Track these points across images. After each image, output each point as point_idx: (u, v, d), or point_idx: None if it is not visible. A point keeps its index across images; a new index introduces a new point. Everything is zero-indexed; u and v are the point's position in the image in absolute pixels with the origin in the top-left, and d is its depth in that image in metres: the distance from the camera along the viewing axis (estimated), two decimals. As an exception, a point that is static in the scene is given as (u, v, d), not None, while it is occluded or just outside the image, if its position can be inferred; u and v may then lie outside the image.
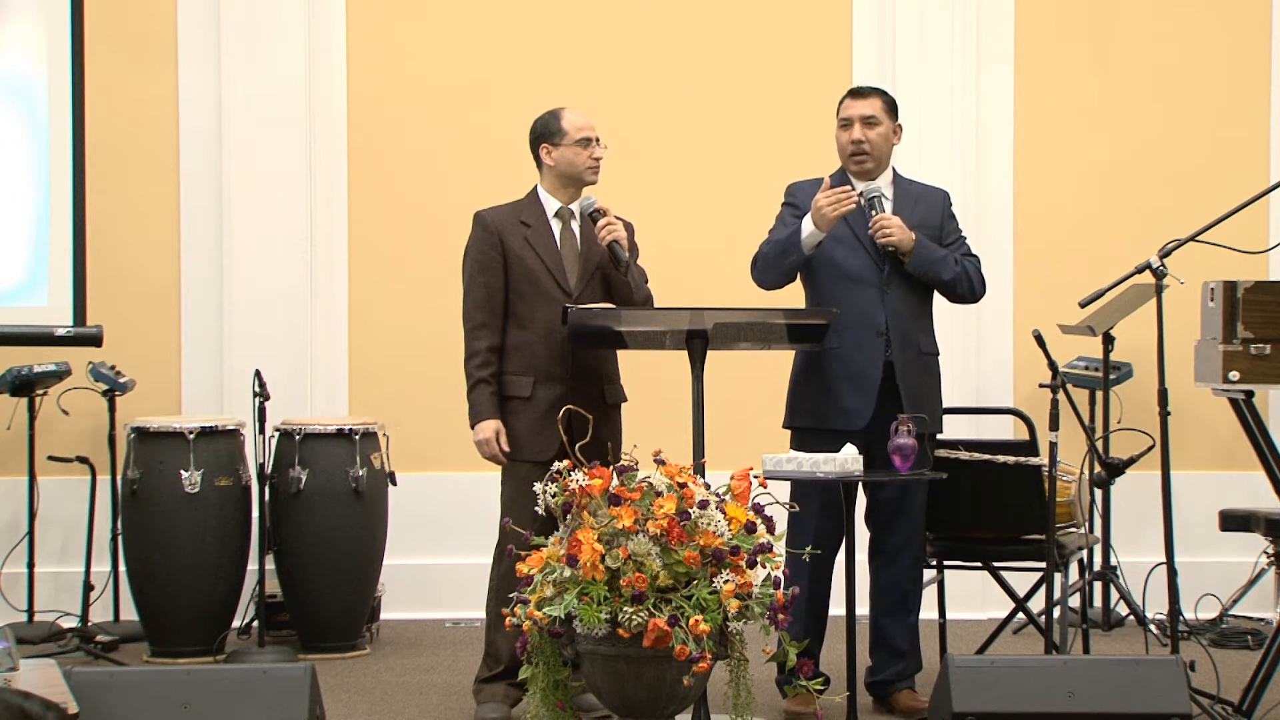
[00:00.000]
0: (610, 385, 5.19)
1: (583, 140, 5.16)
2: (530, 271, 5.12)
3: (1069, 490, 5.31)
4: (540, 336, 5.09)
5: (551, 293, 5.10)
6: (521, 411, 5.09)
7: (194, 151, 6.84)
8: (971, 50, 7.00)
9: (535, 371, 5.09)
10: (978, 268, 5.28)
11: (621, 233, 5.10)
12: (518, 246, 5.14)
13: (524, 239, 5.15)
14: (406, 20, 7.02)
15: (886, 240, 5.08)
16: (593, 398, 5.05)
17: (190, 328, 6.84)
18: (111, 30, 6.79)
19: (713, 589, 4.18)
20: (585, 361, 5.11)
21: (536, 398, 5.07)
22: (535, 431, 5.05)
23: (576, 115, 5.20)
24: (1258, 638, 6.25)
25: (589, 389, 5.09)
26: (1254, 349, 4.70)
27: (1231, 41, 7.14)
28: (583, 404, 4.86)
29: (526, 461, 5.01)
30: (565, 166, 5.18)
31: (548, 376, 5.08)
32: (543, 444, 5.00)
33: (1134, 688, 4.25)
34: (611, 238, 5.07)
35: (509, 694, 5.04)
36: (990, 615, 6.52)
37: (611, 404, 5.18)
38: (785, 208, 5.26)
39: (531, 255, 5.13)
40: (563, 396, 4.98)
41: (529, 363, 5.10)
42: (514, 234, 5.15)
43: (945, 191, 5.36)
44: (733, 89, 7.06)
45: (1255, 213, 5.63)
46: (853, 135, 5.16)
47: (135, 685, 4.06)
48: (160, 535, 5.99)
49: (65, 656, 5.57)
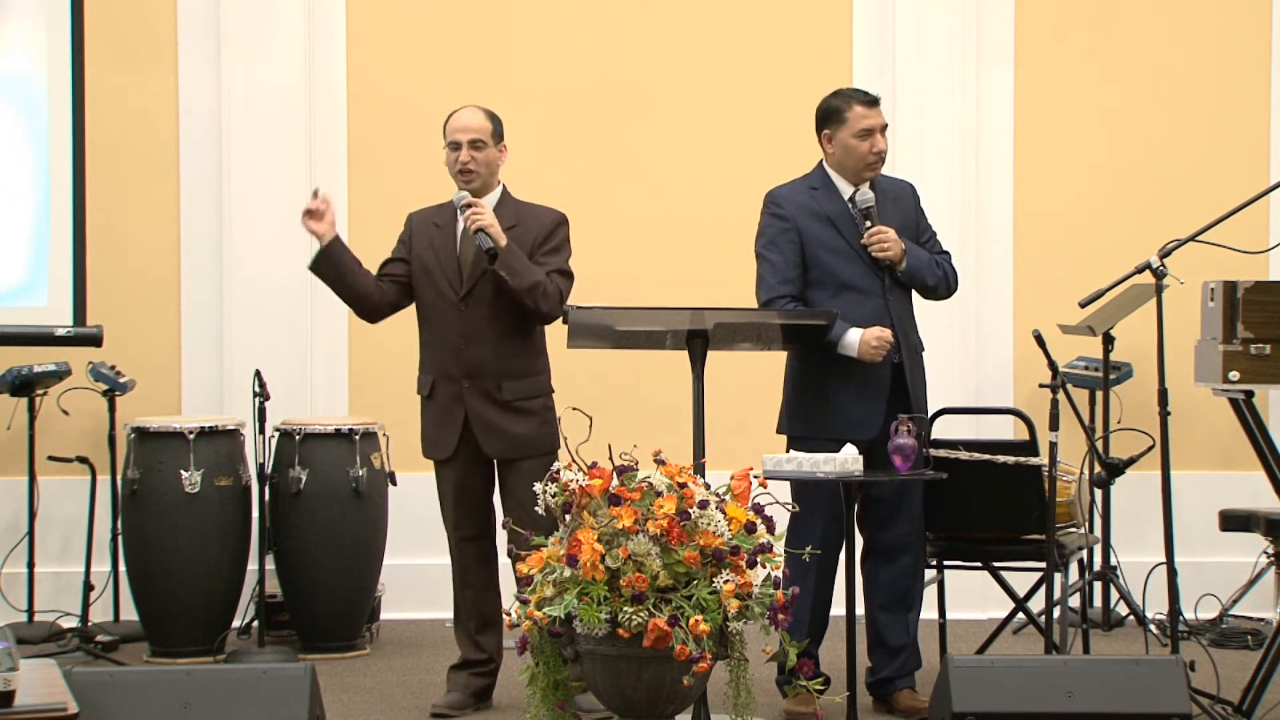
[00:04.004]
0: (510, 381, 5.20)
1: (451, 144, 5.26)
2: (428, 272, 5.26)
3: (1069, 490, 5.31)
4: (438, 336, 5.25)
5: (445, 293, 5.22)
6: (426, 410, 5.30)
7: (194, 151, 6.84)
8: (971, 50, 7.00)
9: (435, 370, 5.26)
10: (952, 265, 5.33)
11: (486, 220, 5.08)
12: (421, 247, 5.29)
13: (428, 240, 5.28)
14: (406, 20, 7.02)
15: (883, 255, 5.08)
16: (487, 393, 5.16)
17: (190, 328, 6.85)
18: (111, 31, 6.78)
19: (713, 589, 4.18)
20: (479, 358, 5.18)
21: (435, 397, 5.25)
22: (436, 430, 5.25)
23: (456, 117, 5.30)
24: (1258, 638, 6.25)
25: (484, 385, 5.18)
26: (1254, 349, 4.70)
27: (1231, 41, 7.13)
28: (478, 400, 5.13)
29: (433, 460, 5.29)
30: (449, 168, 5.29)
31: (445, 375, 5.22)
32: (442, 442, 5.22)
33: (1134, 688, 4.25)
34: (475, 225, 5.09)
35: (471, 682, 5.29)
36: (990, 615, 6.52)
37: (512, 399, 5.19)
38: (773, 219, 5.18)
39: (431, 256, 5.26)
40: (456, 395, 5.17)
41: (431, 361, 5.29)
42: (422, 235, 5.31)
43: (912, 184, 5.37)
44: (733, 89, 7.06)
45: (1255, 213, 5.63)
46: (877, 146, 5.13)
47: (135, 685, 4.06)
48: (160, 535, 5.99)
49: (65, 656, 5.57)
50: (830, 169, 5.20)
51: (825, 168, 5.22)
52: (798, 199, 5.17)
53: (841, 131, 5.15)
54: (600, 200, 6.83)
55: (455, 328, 5.19)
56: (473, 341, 5.17)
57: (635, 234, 6.92)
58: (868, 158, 5.14)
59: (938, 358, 5.83)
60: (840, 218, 5.14)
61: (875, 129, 5.15)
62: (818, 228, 5.13)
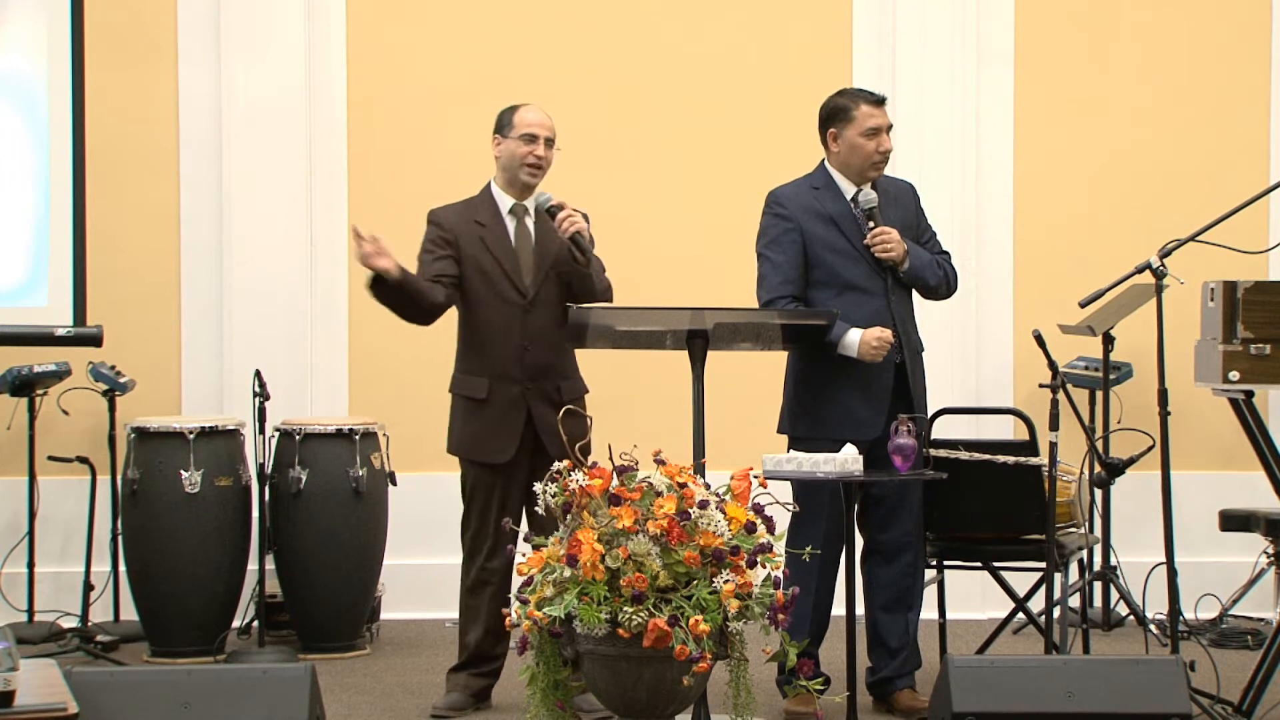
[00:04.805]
0: (566, 381, 5.20)
1: (526, 135, 5.14)
2: (485, 274, 5.13)
3: (1069, 490, 5.31)
4: (496, 338, 5.13)
5: (508, 295, 5.12)
6: (479, 414, 5.14)
7: (194, 152, 6.84)
8: (971, 49, 7.00)
9: (491, 373, 5.13)
10: (952, 265, 5.34)
11: (582, 224, 5.08)
12: (473, 249, 5.14)
13: (479, 239, 5.14)
14: (406, 20, 7.01)
15: (886, 256, 5.08)
16: (548, 395, 5.09)
17: (190, 328, 6.84)
18: (111, 31, 6.78)
19: (713, 589, 4.18)
20: (539, 361, 5.13)
21: (493, 400, 5.12)
22: (493, 434, 5.12)
23: (530, 111, 5.19)
24: (1258, 638, 6.25)
25: (545, 388, 5.12)
26: (1254, 349, 4.70)
27: (1231, 41, 7.13)
28: (540, 403, 5.02)
29: (484, 464, 5.12)
30: (507, 160, 5.18)
31: (503, 377, 5.12)
32: (500, 446, 5.09)
33: (1134, 688, 4.25)
34: (573, 230, 5.05)
35: (470, 683, 5.24)
36: (990, 615, 6.52)
37: (569, 399, 5.16)
38: (776, 219, 5.18)
39: (488, 257, 5.13)
40: (517, 397, 5.06)
41: (484, 364, 5.15)
42: (468, 234, 5.15)
43: (911, 184, 5.38)
44: (733, 89, 7.06)
45: (1255, 213, 5.63)
46: (884, 145, 5.13)
47: (135, 685, 4.06)
48: (160, 535, 5.99)
49: (65, 656, 5.57)
50: (833, 169, 5.20)
51: (827, 167, 5.22)
52: (800, 199, 5.16)
53: (848, 130, 5.14)
54: (600, 200, 6.78)
55: (518, 330, 5.10)
56: (537, 344, 5.11)
57: (635, 234, 6.91)
58: (874, 157, 5.14)
59: (938, 358, 5.84)
60: (843, 218, 5.14)
61: (882, 128, 5.15)
62: (820, 228, 5.13)
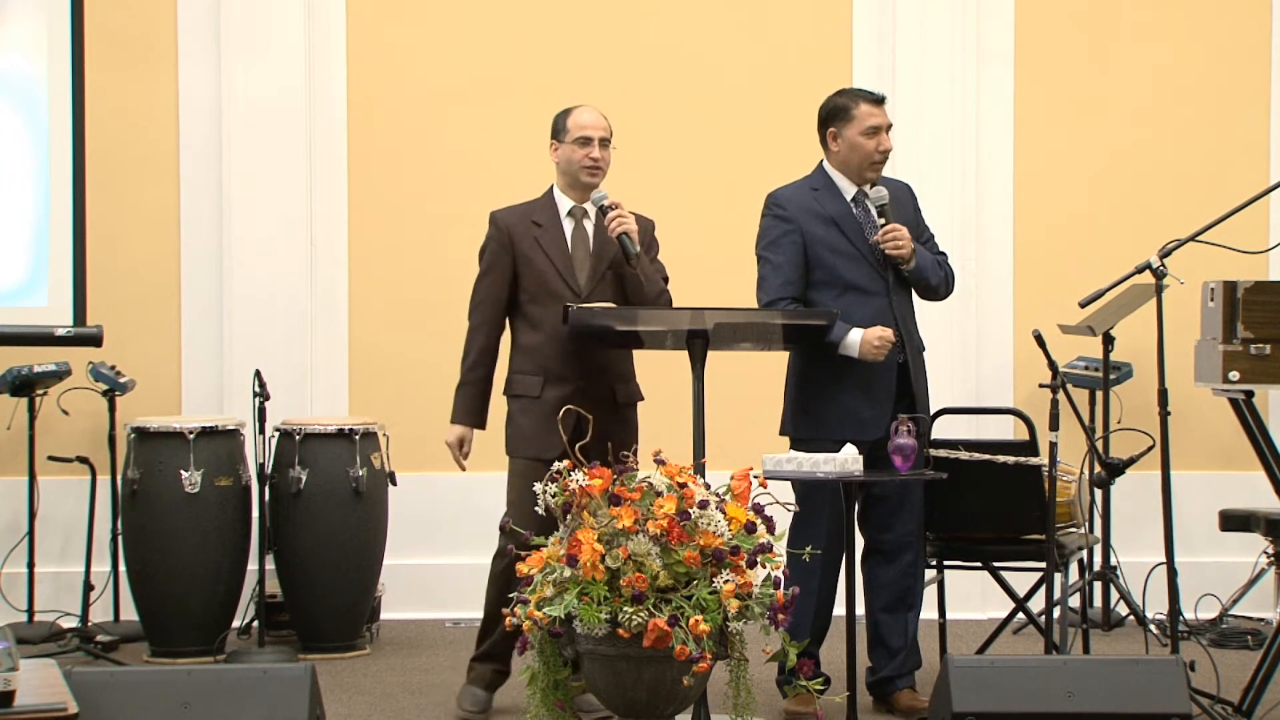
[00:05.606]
0: (623, 384, 5.19)
1: (581, 139, 5.14)
2: (539, 272, 5.13)
3: (1069, 490, 5.31)
4: (549, 337, 5.10)
5: (561, 293, 5.10)
6: (530, 410, 5.12)
7: (194, 152, 6.84)
8: (971, 49, 7.00)
9: (544, 372, 5.11)
10: (949, 266, 5.34)
11: (631, 225, 5.07)
12: (527, 247, 5.15)
13: (534, 239, 5.15)
14: (406, 20, 7.01)
15: (897, 252, 5.07)
16: (603, 397, 5.06)
17: (190, 328, 6.84)
18: (111, 31, 6.78)
19: (713, 589, 4.18)
20: (595, 361, 5.10)
21: (545, 398, 5.09)
22: (542, 429, 5.05)
23: (583, 114, 5.19)
24: (1258, 638, 6.25)
25: (599, 388, 5.08)
26: (1254, 349, 4.70)
27: (1231, 41, 7.13)
28: (592, 404, 4.88)
29: (532, 459, 5.03)
30: (565, 164, 5.18)
31: (557, 377, 5.10)
32: (548, 441, 4.99)
33: (1134, 688, 4.25)
34: (620, 229, 5.05)
35: (494, 679, 5.21)
36: (990, 615, 6.52)
37: (624, 403, 5.16)
38: (776, 220, 5.17)
39: (541, 256, 5.14)
40: (570, 396, 4.99)
41: (538, 363, 5.13)
42: (524, 234, 5.17)
43: (909, 184, 5.38)
44: (733, 89, 7.06)
45: (1255, 213, 5.63)
46: (883, 144, 5.13)
47: (135, 685, 4.06)
48: (160, 535, 5.99)
49: (65, 656, 5.57)
50: (832, 169, 5.20)
51: (826, 168, 5.22)
52: (800, 201, 5.16)
53: (848, 129, 5.14)
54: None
55: None
56: None
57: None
58: (873, 156, 5.14)
59: (938, 358, 5.84)
60: (843, 218, 5.14)
61: (882, 127, 5.15)
62: (821, 229, 5.13)
